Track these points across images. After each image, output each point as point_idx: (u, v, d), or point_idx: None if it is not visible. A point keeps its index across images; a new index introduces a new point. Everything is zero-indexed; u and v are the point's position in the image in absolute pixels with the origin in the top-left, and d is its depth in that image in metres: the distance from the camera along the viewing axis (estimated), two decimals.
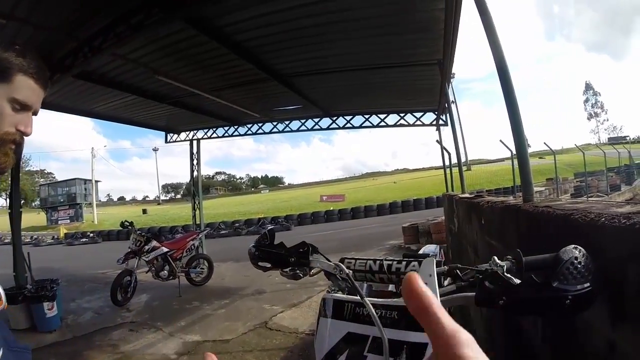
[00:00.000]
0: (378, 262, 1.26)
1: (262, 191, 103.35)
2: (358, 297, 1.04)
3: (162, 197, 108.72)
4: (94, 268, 11.85)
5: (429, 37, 6.11)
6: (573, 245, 0.87)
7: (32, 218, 43.38)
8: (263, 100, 9.79)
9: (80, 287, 8.96)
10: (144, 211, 51.97)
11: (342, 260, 1.24)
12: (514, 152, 2.25)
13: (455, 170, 9.61)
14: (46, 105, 8.55)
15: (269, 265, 1.28)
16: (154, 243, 7.79)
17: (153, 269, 7.72)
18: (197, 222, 12.87)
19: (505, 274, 0.90)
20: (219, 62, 7.11)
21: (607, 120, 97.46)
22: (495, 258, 0.94)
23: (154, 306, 6.98)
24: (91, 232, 31.37)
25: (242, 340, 4.90)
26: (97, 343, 5.14)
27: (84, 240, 28.07)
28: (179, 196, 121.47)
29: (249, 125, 12.38)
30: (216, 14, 5.49)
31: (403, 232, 11.62)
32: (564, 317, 0.64)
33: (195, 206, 12.94)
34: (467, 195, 5.12)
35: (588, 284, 0.82)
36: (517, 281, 0.88)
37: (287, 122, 12.06)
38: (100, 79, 7.45)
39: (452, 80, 7.16)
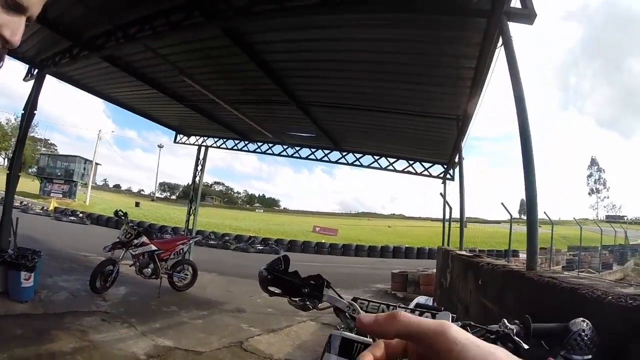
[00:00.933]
0: (391, 307, 1.28)
1: (256, 210, 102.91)
2: (368, 339, 1.06)
3: (157, 194, 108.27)
4: (77, 249, 11.66)
5: (452, 92, 6.24)
6: (581, 319, 0.91)
7: (26, 184, 42.90)
8: (278, 122, 9.92)
9: (60, 265, 8.80)
10: (137, 204, 51.52)
11: (354, 300, 1.26)
12: (515, 216, 2.29)
13: (454, 225, 9.64)
14: (66, 79, 8.70)
15: (279, 291, 1.29)
16: (144, 239, 7.74)
17: (137, 264, 7.63)
18: (190, 227, 12.80)
19: (515, 337, 0.93)
20: (245, 77, 7.25)
21: (608, 197, 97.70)
22: (505, 321, 0.99)
23: (131, 301, 6.87)
24: (81, 213, 30.86)
25: (214, 355, 4.79)
26: (67, 325, 5.01)
27: (72, 218, 27.46)
28: (174, 197, 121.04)
29: (259, 143, 12.47)
30: (253, 30, 5.64)
31: (392, 278, 11.53)
32: None
33: (191, 211, 12.90)
34: (464, 252, 5.14)
35: (591, 356, 0.85)
36: (526, 346, 0.91)
37: (297, 148, 12.15)
38: (126, 66, 7.60)
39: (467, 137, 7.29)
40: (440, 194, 10.34)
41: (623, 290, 1.09)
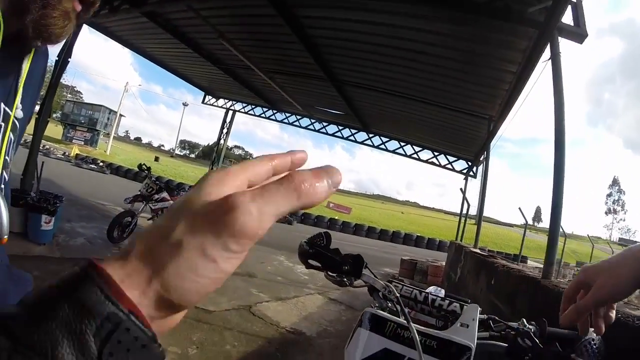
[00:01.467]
0: (423, 294, 1.39)
1: None
2: (401, 319, 1.18)
3: (177, 151, 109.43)
4: (96, 197, 11.88)
5: (489, 93, 6.22)
6: (592, 329, 1.02)
7: (49, 128, 43.53)
8: (310, 96, 9.97)
9: (79, 211, 9.00)
10: (156, 159, 52.18)
11: (390, 282, 1.35)
12: (529, 223, 2.37)
13: (469, 222, 9.67)
14: (102, 29, 8.82)
15: (318, 264, 1.39)
16: (165, 194, 7.86)
17: (156, 218, 7.83)
18: None
19: (533, 336, 1.05)
20: (285, 48, 7.29)
21: (624, 220, 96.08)
22: (524, 320, 1.11)
23: None
24: (101, 161, 31.45)
25: (223, 315, 4.95)
26: None
27: (92, 166, 27.95)
28: (193, 155, 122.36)
29: (287, 114, 12.55)
30: (299, 3, 5.67)
31: (401, 264, 11.62)
32: None
33: (213, 167, 13.12)
34: (479, 251, 5.21)
35: None
36: (542, 346, 1.03)
37: (324, 124, 12.21)
38: (166, 23, 7.68)
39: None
40: (461, 189, 10.33)
41: (632, 312, 1.19)
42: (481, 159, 8.73)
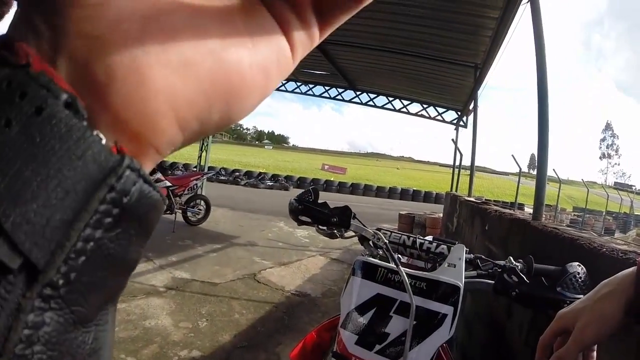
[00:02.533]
0: (411, 238, 1.43)
1: (265, 146, 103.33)
2: (391, 264, 1.22)
3: None
4: None
5: (473, 40, 6.14)
6: (577, 263, 1.06)
7: None
8: None
9: None
10: None
11: (378, 229, 1.39)
12: (523, 170, 2.41)
13: (463, 172, 9.74)
14: None
15: (308, 220, 1.42)
16: (159, 175, 7.86)
17: None
18: (202, 163, 13.01)
19: (519, 272, 1.10)
20: None
21: (618, 164, 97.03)
22: (511, 258, 1.15)
23: None
24: None
25: (230, 286, 5.05)
26: None
27: None
28: None
29: None
30: None
31: (399, 219, 11.78)
32: None
33: (204, 147, 13.05)
34: (473, 199, 5.29)
35: (582, 296, 1.00)
36: (528, 281, 1.08)
37: (311, 86, 12.06)
38: None
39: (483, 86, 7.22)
40: (452, 140, 10.35)
41: (617, 246, 1.22)
42: (470, 108, 8.70)
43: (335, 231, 1.43)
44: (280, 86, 12.35)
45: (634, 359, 0.89)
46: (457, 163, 9.98)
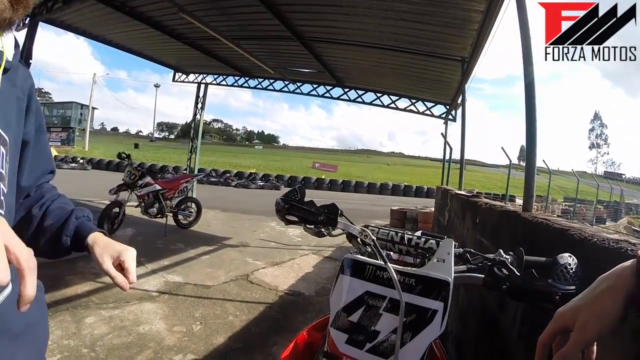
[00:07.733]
0: (400, 234, 1.40)
1: (255, 146, 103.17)
2: (379, 261, 1.20)
3: (156, 135, 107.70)
4: (81, 194, 11.67)
5: (459, 34, 6.12)
6: (568, 254, 1.05)
7: None
8: (280, 58, 9.75)
9: None
10: (136, 145, 51.17)
11: (366, 226, 1.37)
12: (513, 162, 2.40)
13: (454, 166, 9.78)
14: (59, 24, 8.51)
15: (295, 219, 1.41)
16: (148, 179, 7.80)
17: (143, 204, 7.75)
18: (192, 165, 12.95)
19: (509, 265, 1.08)
20: (246, 12, 7.04)
21: (608, 154, 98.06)
22: (502, 251, 1.14)
23: (138, 241, 7.01)
24: (81, 158, 31.00)
25: (223, 288, 5.03)
26: (79, 269, 5.08)
27: (73, 165, 27.52)
28: (172, 136, 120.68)
29: (260, 80, 12.31)
30: None
31: (391, 215, 11.84)
32: (553, 310, 0.80)
33: (193, 149, 12.99)
34: (463, 192, 5.30)
35: (574, 287, 0.99)
36: (519, 273, 1.07)
37: (299, 84, 12.02)
38: (122, 6, 7.34)
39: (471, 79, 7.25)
40: (442, 134, 10.39)
41: (608, 235, 1.22)
42: (458, 101, 8.72)
43: (323, 229, 1.42)
44: (268, 85, 12.32)
45: (628, 349, 0.88)
46: (447, 157, 10.02)
